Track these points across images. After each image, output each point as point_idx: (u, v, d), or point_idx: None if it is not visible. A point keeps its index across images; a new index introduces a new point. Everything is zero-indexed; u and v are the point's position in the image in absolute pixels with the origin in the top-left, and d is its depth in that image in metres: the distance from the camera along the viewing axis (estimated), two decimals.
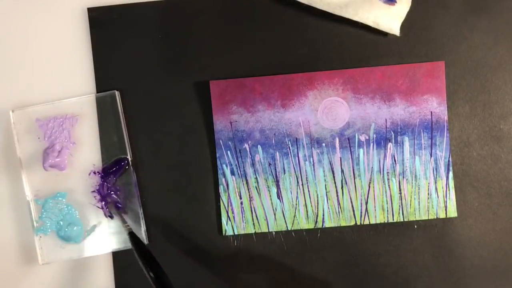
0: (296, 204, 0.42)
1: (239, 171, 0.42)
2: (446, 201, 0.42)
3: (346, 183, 0.42)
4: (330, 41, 0.43)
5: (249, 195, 0.42)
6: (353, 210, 0.42)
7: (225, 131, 0.42)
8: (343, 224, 0.42)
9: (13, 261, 0.43)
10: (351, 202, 0.42)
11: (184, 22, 0.43)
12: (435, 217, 0.42)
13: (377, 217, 0.42)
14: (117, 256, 0.42)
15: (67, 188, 0.42)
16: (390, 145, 0.42)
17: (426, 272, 0.42)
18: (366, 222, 0.42)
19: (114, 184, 0.42)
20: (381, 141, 0.42)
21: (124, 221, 0.41)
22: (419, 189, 0.42)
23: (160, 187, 0.42)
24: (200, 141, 0.42)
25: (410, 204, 0.42)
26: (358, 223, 0.42)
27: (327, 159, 0.42)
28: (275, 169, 0.42)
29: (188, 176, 0.42)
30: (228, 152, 0.42)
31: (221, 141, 0.42)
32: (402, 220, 0.42)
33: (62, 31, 0.43)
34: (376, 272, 0.42)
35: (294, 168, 0.42)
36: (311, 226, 0.42)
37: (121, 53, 0.43)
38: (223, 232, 0.42)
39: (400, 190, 0.42)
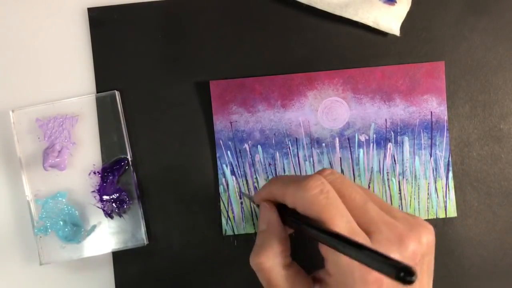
0: None
1: (239, 171, 0.42)
2: (446, 201, 0.42)
3: None
4: (330, 41, 0.43)
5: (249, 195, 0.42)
6: None
7: (225, 131, 0.42)
8: None
9: (13, 261, 0.43)
10: None
11: (184, 22, 0.43)
12: (435, 217, 0.42)
13: None
14: (117, 256, 0.42)
15: (67, 188, 0.42)
16: (390, 145, 0.42)
17: None
18: None
19: (114, 184, 0.42)
20: (381, 141, 0.42)
21: (247, 195, 0.41)
22: (419, 189, 0.42)
23: (160, 187, 0.42)
24: (200, 141, 0.42)
25: (410, 204, 0.42)
26: None
27: (327, 159, 0.42)
28: (275, 169, 0.42)
29: (188, 176, 0.42)
30: (228, 152, 0.42)
31: (221, 141, 0.42)
32: None
33: (62, 31, 0.43)
34: None
35: (294, 168, 0.42)
36: None
37: (121, 53, 0.43)
38: (223, 232, 0.42)
39: (400, 190, 0.42)
